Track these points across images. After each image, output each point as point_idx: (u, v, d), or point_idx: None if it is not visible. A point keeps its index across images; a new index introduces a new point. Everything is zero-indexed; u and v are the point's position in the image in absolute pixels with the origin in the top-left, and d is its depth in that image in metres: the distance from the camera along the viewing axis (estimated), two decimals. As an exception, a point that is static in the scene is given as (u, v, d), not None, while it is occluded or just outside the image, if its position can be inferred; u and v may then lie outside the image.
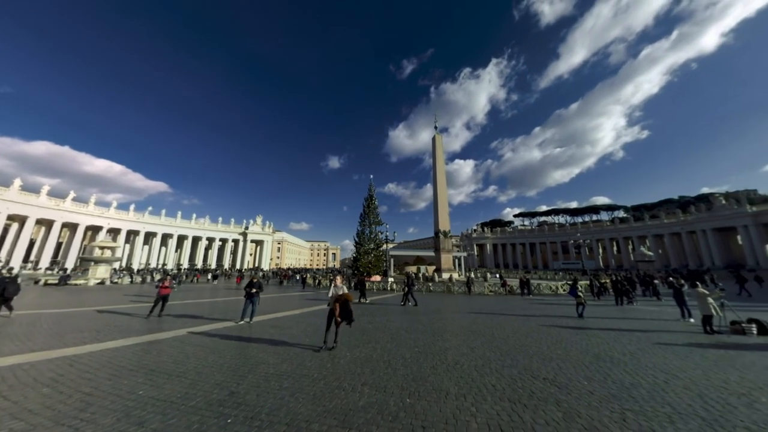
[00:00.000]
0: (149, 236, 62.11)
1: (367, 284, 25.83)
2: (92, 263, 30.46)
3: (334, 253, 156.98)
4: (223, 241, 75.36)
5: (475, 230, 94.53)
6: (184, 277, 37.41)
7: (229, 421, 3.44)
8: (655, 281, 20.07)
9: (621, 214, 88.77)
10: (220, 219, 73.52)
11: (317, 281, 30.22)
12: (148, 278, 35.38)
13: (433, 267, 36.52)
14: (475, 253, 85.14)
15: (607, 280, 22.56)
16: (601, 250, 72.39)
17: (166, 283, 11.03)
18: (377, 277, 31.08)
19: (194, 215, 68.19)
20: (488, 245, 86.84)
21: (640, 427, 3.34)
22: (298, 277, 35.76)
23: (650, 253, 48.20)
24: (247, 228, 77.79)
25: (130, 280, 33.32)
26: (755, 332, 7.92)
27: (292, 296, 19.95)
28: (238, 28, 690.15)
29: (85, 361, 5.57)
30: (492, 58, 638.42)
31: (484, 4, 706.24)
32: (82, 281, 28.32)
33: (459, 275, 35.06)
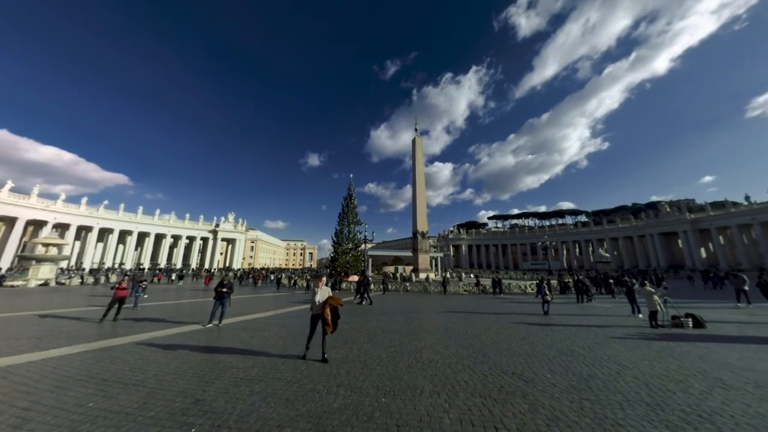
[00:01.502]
0: (104, 233, 56.67)
1: (344, 284, 25.61)
2: (33, 262, 27.18)
3: (311, 253, 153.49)
4: (191, 239, 70.70)
5: (451, 231, 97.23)
6: (149, 279, 34.53)
7: (193, 430, 3.23)
8: (611, 280, 21.94)
9: (583, 218, 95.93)
10: (188, 216, 68.90)
11: (293, 282, 29.39)
12: (102, 279, 32.26)
13: (411, 267, 37.01)
14: (451, 254, 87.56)
15: (570, 280, 24.27)
16: (565, 252, 77.73)
17: (124, 285, 10.15)
18: (354, 277, 30.88)
19: (158, 211, 63.25)
20: (464, 246, 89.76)
21: (595, 415, 3.63)
22: (272, 278, 34.55)
23: (607, 255, 52.67)
24: (217, 226, 73.62)
25: (80, 280, 30.16)
26: (691, 325, 8.94)
27: (266, 297, 19.21)
28: (214, 13, 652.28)
29: (23, 372, 4.95)
30: (473, 66, 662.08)
31: (466, 12, 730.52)
32: (20, 282, 25.17)
33: (435, 275, 35.85)
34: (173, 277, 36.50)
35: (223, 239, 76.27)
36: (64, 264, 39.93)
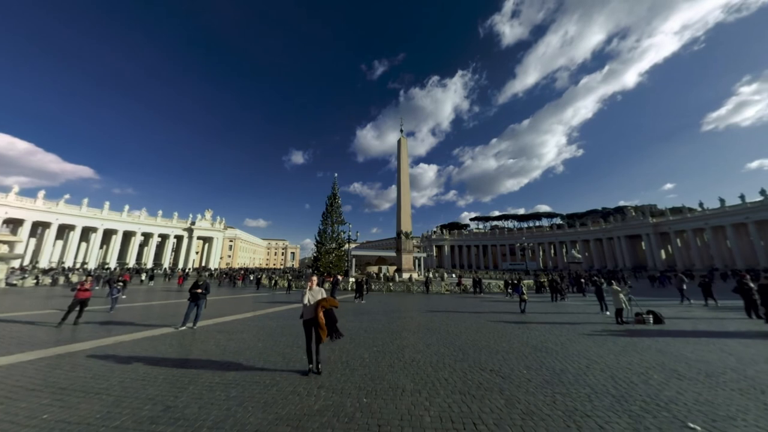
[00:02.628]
0: (64, 229, 52.32)
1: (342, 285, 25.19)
2: (-21, 261, 24.54)
3: (293, 252, 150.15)
4: (164, 237, 66.89)
5: (434, 232, 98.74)
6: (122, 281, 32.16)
7: (162, 439, 3.06)
8: (582, 280, 23.23)
9: (558, 221, 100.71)
10: (160, 212, 65.10)
11: (273, 282, 28.61)
12: (62, 279, 29.76)
13: (395, 267, 37.19)
14: (434, 254, 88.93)
15: (545, 279, 25.43)
16: (541, 253, 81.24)
17: (86, 285, 9.43)
18: (338, 277, 30.53)
19: (127, 206, 59.23)
20: (446, 246, 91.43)
21: (566, 407, 3.82)
22: (252, 278, 33.43)
23: (579, 256, 55.69)
24: (193, 223, 70.13)
25: (35, 281, 27.65)
26: (652, 321, 9.64)
27: (245, 298, 18.57)
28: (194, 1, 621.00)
29: (-36, 382, 4.47)
30: (459, 70, 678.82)
31: (453, 16, 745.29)
32: (-38, 283, 22.65)
33: (419, 275, 36.25)
34: (143, 277, 34.36)
35: (199, 238, 72.82)
36: (16, 263, 36.41)
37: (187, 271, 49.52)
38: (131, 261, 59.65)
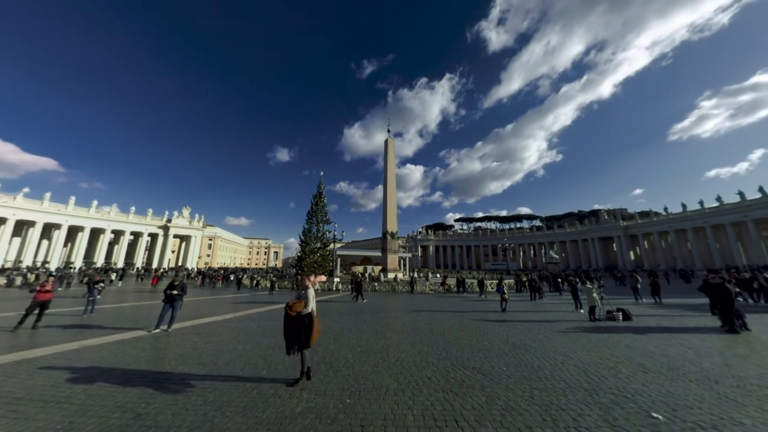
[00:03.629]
0: (23, 226, 48.26)
1: (318, 285, 24.87)
2: None
3: (276, 252, 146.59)
4: (136, 235, 63.24)
5: (420, 232, 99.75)
6: (78, 280, 30.01)
7: (132, 449, 2.89)
8: (559, 280, 24.29)
9: (538, 223, 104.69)
10: (133, 209, 61.48)
11: (255, 282, 27.81)
12: (18, 280, 27.40)
13: (380, 267, 37.22)
14: (419, 254, 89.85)
15: (526, 279, 26.37)
16: (522, 254, 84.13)
17: (48, 287, 8.76)
18: (322, 278, 30.18)
19: (95, 202, 55.42)
20: (431, 247, 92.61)
21: (542, 402, 3.98)
22: (232, 278, 32.31)
23: (556, 257, 58.20)
24: (169, 221, 66.78)
25: (-13, 282, 25.28)
26: (621, 318, 10.25)
27: (224, 299, 17.93)
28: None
29: None
30: (446, 73, 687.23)
31: (443, 20, 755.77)
32: None
33: (404, 275, 36.48)
34: (113, 277, 32.31)
35: (175, 236, 69.51)
36: (-36, 262, 33.15)
37: (162, 271, 47.11)
38: (99, 260, 55.93)
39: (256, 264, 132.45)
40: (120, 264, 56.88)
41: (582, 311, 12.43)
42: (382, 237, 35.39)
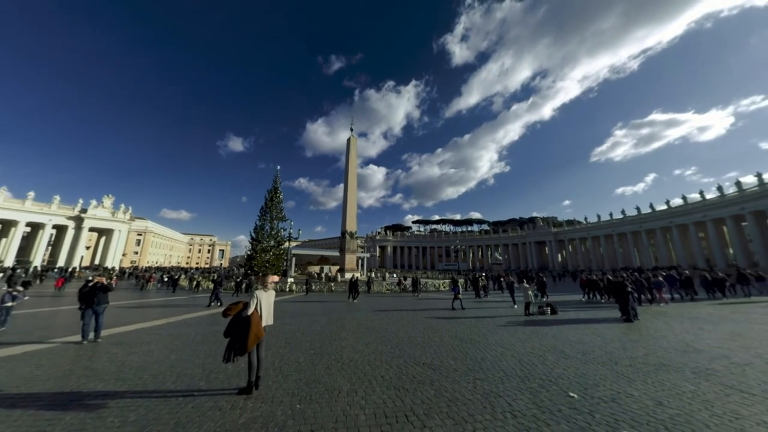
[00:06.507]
0: None
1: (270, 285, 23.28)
2: None
3: (222, 250, 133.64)
4: (35, 227, 51.68)
5: (379, 233, 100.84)
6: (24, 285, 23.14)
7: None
8: (501, 279, 26.87)
9: (486, 227, 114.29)
10: (32, 194, 50.13)
11: (195, 283, 24.95)
12: None
13: (337, 267, 36.59)
14: (377, 254, 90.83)
15: (474, 278, 28.53)
16: (471, 255, 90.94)
17: None
18: (275, 278, 28.47)
19: (-26, 183, 43.73)
20: (389, 247, 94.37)
21: (484, 390, 4.35)
22: (166, 278, 28.50)
23: (500, 258, 64.32)
24: (84, 210, 56.01)
25: None
26: (549, 313, 11.78)
27: (155, 302, 15.73)
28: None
29: None
30: (413, 79, 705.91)
31: (411, 27, 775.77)
32: None
33: (361, 275, 36.44)
34: (-3, 278, 25.80)
35: (92, 229, 58.69)
36: None
37: (71, 270, 39.28)
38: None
39: (198, 263, 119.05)
40: (8, 262, 45.78)
41: (515, 306, 13.94)
42: (341, 236, 34.87)
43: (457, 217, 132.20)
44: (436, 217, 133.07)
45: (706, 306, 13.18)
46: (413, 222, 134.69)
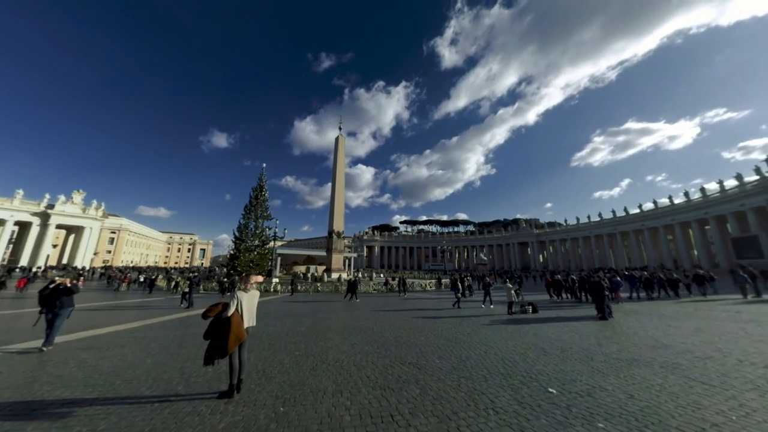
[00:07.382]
0: None
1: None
2: None
3: (203, 249, 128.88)
4: (-5, 222, 47.81)
5: (366, 233, 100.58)
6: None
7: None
8: (487, 279, 27.53)
9: (472, 228, 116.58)
10: (-8, 188, 46.31)
11: (173, 284, 23.93)
12: None
13: (324, 267, 36.19)
14: (365, 254, 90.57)
15: (459, 278, 29.02)
16: (458, 255, 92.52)
17: None
18: (259, 278, 27.72)
19: None
20: (377, 247, 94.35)
21: (468, 388, 4.43)
22: (142, 279, 27.17)
23: (485, 258, 65.84)
24: (51, 206, 52.44)
25: None
26: (531, 312, 12.17)
27: (130, 304, 14.96)
28: None
29: None
30: (403, 81, 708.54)
31: (402, 28, 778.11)
32: None
33: (348, 275, 36.21)
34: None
35: (60, 226, 55.10)
36: None
37: (35, 270, 36.66)
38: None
39: (177, 263, 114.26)
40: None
41: (492, 306, 14.10)
42: (328, 236, 34.51)
43: (444, 217, 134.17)
44: (424, 218, 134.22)
45: (672, 304, 14.06)
46: (401, 222, 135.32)
